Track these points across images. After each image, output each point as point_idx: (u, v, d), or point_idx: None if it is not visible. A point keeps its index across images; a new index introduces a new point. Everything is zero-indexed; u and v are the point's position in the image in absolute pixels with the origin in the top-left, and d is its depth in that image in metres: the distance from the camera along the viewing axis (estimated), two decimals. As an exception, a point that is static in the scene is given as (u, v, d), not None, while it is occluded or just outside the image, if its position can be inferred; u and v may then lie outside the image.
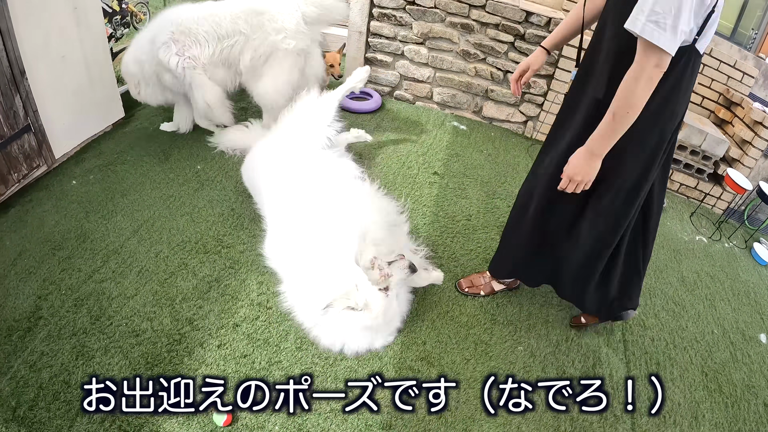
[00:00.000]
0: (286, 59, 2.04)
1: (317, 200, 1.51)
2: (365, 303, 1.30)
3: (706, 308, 1.96)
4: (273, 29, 1.97)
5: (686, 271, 2.14)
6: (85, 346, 1.31)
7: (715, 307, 1.98)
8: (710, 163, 2.73)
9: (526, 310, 1.65)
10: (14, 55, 1.71)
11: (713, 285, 2.11)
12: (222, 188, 1.96)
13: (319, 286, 1.32)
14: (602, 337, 1.63)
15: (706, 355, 1.72)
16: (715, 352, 1.75)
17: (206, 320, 1.41)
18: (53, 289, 1.46)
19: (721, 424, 1.48)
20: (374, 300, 1.30)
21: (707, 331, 1.83)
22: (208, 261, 1.61)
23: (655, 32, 0.92)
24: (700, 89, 2.90)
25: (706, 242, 2.43)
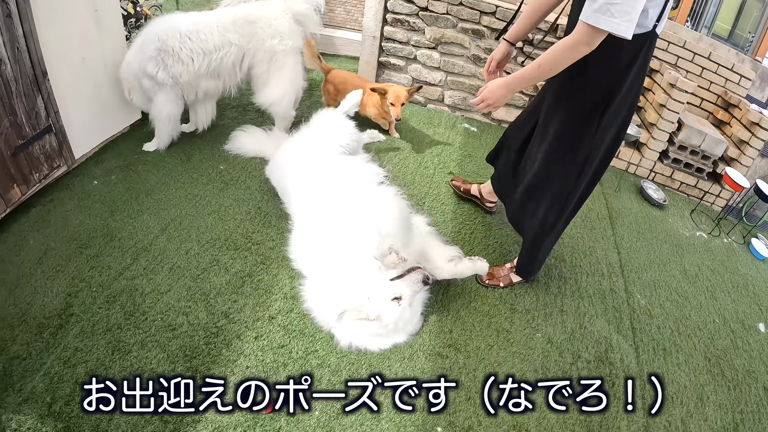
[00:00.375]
0: (288, 59, 2.12)
1: (339, 204, 1.59)
2: (377, 315, 1.38)
3: (707, 299, 2.09)
4: (268, 35, 2.04)
5: (688, 265, 2.27)
6: (121, 341, 1.35)
7: (716, 298, 2.11)
8: (709, 162, 2.88)
9: (542, 300, 1.76)
10: (37, 57, 1.75)
11: (713, 278, 2.25)
12: (247, 188, 2.02)
13: (335, 292, 1.40)
14: (613, 326, 1.75)
15: (709, 342, 1.85)
16: (717, 339, 1.87)
17: (242, 313, 1.48)
18: (83, 287, 1.49)
19: (725, 405, 1.60)
20: (386, 311, 1.38)
21: (709, 320, 1.96)
22: (239, 257, 1.67)
23: (599, 15, 1.08)
24: (699, 91, 3.06)
25: (706, 238, 2.57)
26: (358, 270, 1.43)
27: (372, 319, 1.38)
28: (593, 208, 2.43)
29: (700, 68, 2.97)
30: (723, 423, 1.54)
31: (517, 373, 1.46)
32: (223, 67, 2.03)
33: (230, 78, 2.10)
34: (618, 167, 2.96)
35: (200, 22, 1.97)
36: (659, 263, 2.19)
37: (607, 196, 2.61)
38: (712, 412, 1.56)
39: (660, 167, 2.93)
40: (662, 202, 2.68)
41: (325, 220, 1.56)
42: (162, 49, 1.93)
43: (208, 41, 1.95)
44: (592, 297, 1.84)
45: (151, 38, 1.95)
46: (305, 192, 1.68)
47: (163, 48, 1.93)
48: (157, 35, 1.93)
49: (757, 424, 1.58)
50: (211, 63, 1.99)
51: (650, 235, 2.38)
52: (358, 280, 1.41)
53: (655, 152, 2.87)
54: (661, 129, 2.79)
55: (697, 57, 2.93)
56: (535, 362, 1.51)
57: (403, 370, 1.39)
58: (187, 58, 1.95)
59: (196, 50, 1.95)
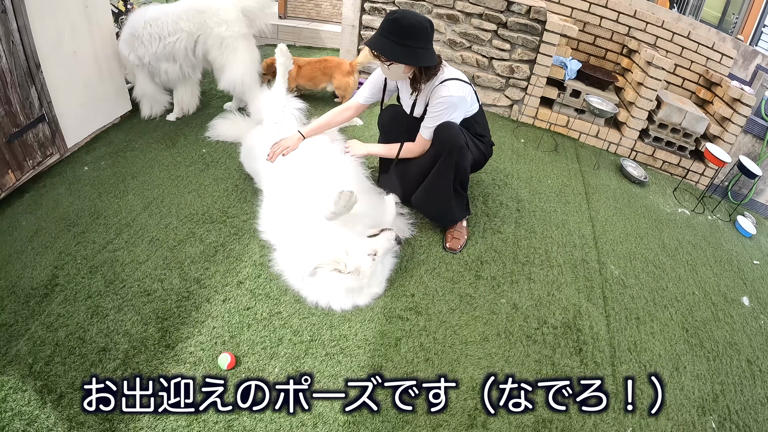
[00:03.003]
0: (239, 42, 2.29)
1: (306, 173, 1.64)
2: (356, 266, 1.41)
3: (687, 272, 2.04)
4: (215, 23, 2.23)
5: (667, 239, 2.23)
6: (100, 306, 1.41)
7: (696, 272, 2.06)
8: (691, 140, 2.84)
9: (509, 268, 1.75)
10: (30, 50, 1.84)
11: (695, 252, 2.20)
12: (226, 168, 2.09)
13: (308, 250, 1.43)
14: (583, 294, 1.73)
15: (687, 313, 1.80)
16: (696, 311, 1.82)
17: (212, 279, 1.52)
18: (69, 260, 1.56)
19: (703, 376, 1.55)
20: (363, 264, 1.41)
21: (688, 293, 1.92)
22: (215, 229, 1.72)
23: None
24: (680, 71, 3.03)
25: (689, 215, 2.53)
26: (333, 228, 1.47)
27: (348, 271, 1.40)
28: (569, 185, 2.42)
29: (679, 48, 2.94)
30: (701, 393, 1.48)
31: (479, 337, 1.46)
32: (177, 51, 2.25)
33: (186, 62, 2.31)
34: (597, 146, 2.94)
35: (162, 11, 2.23)
36: (636, 236, 2.17)
37: (584, 173, 2.59)
38: (689, 382, 1.51)
39: (641, 146, 2.90)
40: (643, 179, 2.65)
41: (296, 188, 1.61)
42: (132, 34, 2.21)
43: (163, 27, 2.19)
44: (562, 266, 1.83)
45: (127, 26, 2.25)
46: (274, 168, 1.73)
47: (133, 33, 2.21)
48: (131, 22, 2.23)
49: (739, 395, 1.53)
50: (166, 47, 2.22)
51: (628, 210, 2.36)
52: (336, 236, 1.44)
53: (635, 131, 2.85)
54: (639, 107, 2.77)
55: (676, 36, 2.91)
56: (497, 326, 1.51)
57: (363, 331, 1.41)
58: (147, 42, 2.21)
59: (154, 35, 2.20)
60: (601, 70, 3.01)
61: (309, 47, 3.74)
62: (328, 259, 1.40)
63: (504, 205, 2.11)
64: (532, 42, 2.70)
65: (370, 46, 1.50)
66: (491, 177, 2.30)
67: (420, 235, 1.83)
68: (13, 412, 1.13)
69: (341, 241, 1.44)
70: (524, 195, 2.23)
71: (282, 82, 2.07)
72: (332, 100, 2.84)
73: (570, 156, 2.74)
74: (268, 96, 2.02)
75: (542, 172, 2.47)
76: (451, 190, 1.68)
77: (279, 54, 2.11)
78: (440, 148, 1.63)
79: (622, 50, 3.09)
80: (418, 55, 1.49)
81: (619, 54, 3.11)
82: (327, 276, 1.41)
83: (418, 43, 1.47)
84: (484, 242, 1.86)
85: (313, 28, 3.74)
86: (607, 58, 3.14)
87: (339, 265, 1.40)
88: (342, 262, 1.41)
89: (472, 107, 1.71)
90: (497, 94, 2.94)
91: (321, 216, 1.46)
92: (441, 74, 1.61)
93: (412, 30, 1.45)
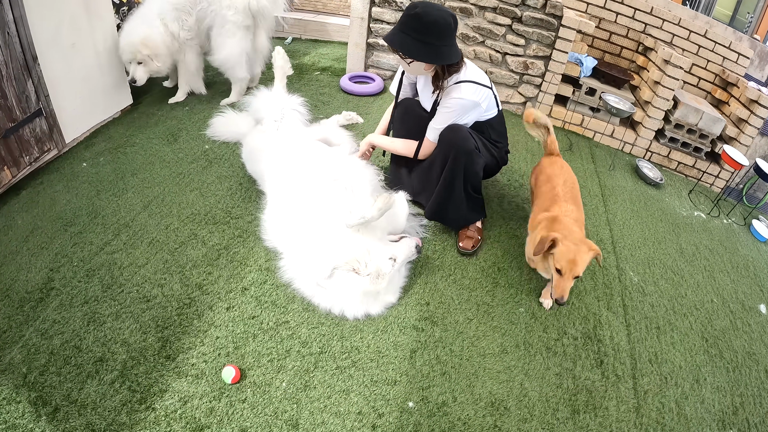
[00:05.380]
0: (237, 31, 2.29)
1: (317, 181, 1.53)
2: (376, 268, 1.30)
3: (705, 278, 1.94)
4: (226, 4, 2.23)
5: (685, 244, 2.12)
6: (97, 313, 1.31)
7: (714, 278, 1.96)
8: (707, 141, 2.71)
9: (527, 274, 1.64)
10: (27, 41, 1.73)
11: (712, 257, 2.09)
12: (230, 165, 1.97)
13: (324, 254, 1.33)
14: (602, 302, 1.62)
15: (706, 322, 1.70)
16: (715, 319, 1.73)
17: (215, 285, 1.42)
18: (65, 262, 1.47)
19: (723, 388, 1.46)
20: (384, 266, 1.32)
21: (707, 300, 1.82)
22: (218, 231, 1.61)
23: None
24: (696, 70, 2.89)
25: (705, 218, 2.42)
26: (351, 233, 1.38)
27: (367, 273, 1.30)
28: (584, 186, 2.30)
29: (696, 46, 2.80)
30: (721, 406, 1.40)
31: (497, 348, 1.35)
32: (197, 23, 2.30)
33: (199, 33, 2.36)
34: (612, 146, 2.82)
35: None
36: (654, 241, 2.06)
37: (600, 174, 2.47)
38: (710, 395, 1.42)
39: (656, 146, 2.77)
40: (658, 181, 2.53)
41: (307, 192, 1.50)
42: (176, 8, 2.24)
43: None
44: (580, 273, 1.73)
45: (158, 4, 2.25)
46: (279, 171, 1.62)
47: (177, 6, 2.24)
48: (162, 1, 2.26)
49: (758, 407, 1.44)
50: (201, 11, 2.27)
51: (645, 214, 2.24)
52: (357, 236, 1.35)
53: (650, 131, 2.72)
54: (655, 106, 2.64)
55: (693, 35, 2.77)
56: (516, 337, 1.40)
57: (376, 343, 1.30)
58: (192, 10, 2.27)
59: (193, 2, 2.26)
60: (617, 67, 2.88)
61: (315, 40, 3.60)
62: (349, 258, 1.30)
63: (520, 207, 2.00)
64: (547, 37, 2.56)
65: (389, 42, 1.37)
66: (506, 177, 2.19)
67: (434, 238, 1.72)
68: (6, 425, 1.05)
69: (363, 240, 1.34)
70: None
71: (280, 84, 1.97)
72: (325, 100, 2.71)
73: (585, 156, 2.62)
74: (267, 95, 1.91)
75: (557, 173, 2.36)
76: (462, 194, 1.57)
77: (276, 57, 2.00)
78: (447, 151, 1.51)
79: (637, 47, 2.95)
80: (441, 53, 1.36)
81: (635, 51, 2.97)
82: (344, 278, 1.30)
83: (441, 41, 1.35)
84: (501, 246, 1.75)
85: (320, 20, 3.60)
86: (622, 56, 3.00)
87: (360, 264, 1.29)
88: (363, 261, 1.30)
89: (487, 112, 1.58)
90: (510, 91, 2.81)
91: (342, 222, 1.35)
92: (458, 74, 1.48)
93: (435, 26, 1.32)
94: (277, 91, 1.92)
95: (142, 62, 2.17)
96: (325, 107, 2.55)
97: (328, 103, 2.61)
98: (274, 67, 2.01)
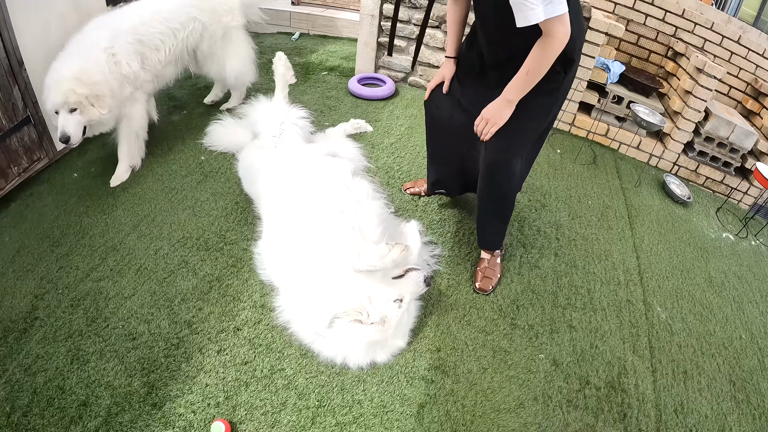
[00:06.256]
0: (241, 34, 2.07)
1: (315, 206, 1.38)
2: (381, 316, 1.16)
3: (733, 311, 1.77)
4: (223, 11, 1.97)
5: (713, 271, 1.95)
6: (81, 350, 1.21)
7: (743, 310, 1.79)
8: (738, 156, 2.50)
9: (549, 314, 1.49)
10: (11, 45, 1.59)
11: (741, 286, 1.92)
12: (226, 180, 1.82)
13: (323, 297, 1.18)
14: (628, 344, 1.47)
15: (734, 362, 1.55)
16: (743, 359, 1.57)
17: (206, 323, 1.29)
18: (50, 288, 1.36)
19: (749, 438, 1.32)
20: (390, 312, 1.17)
21: (735, 336, 1.65)
22: (210, 258, 1.48)
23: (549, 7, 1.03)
24: (727, 78, 2.66)
25: (733, 240, 2.23)
26: (351, 272, 1.22)
27: (371, 322, 1.16)
28: (611, 206, 2.11)
29: (728, 53, 2.56)
30: None
31: (513, 403, 1.21)
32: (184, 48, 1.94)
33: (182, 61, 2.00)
34: (639, 159, 2.61)
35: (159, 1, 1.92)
36: (682, 269, 1.88)
37: (626, 191, 2.28)
38: (736, 446, 1.28)
39: (684, 160, 2.56)
40: (686, 199, 2.33)
41: (307, 222, 1.34)
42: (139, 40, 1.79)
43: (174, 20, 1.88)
44: (606, 310, 1.56)
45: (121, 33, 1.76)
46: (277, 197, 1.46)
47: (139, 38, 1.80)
48: (125, 29, 1.75)
49: None
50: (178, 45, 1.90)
51: (673, 237, 2.06)
52: (356, 280, 1.20)
53: (679, 144, 2.51)
54: (686, 118, 2.42)
55: (725, 40, 2.53)
56: (535, 389, 1.25)
57: (380, 395, 1.17)
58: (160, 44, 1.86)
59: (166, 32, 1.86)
60: (645, 74, 2.65)
61: (324, 36, 3.39)
62: (348, 309, 1.15)
63: (542, 233, 1.83)
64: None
65: None
66: (527, 197, 2.01)
67: (447, 271, 1.56)
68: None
69: (362, 286, 1.19)
70: (563, 219, 1.94)
71: (281, 95, 1.79)
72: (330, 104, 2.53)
73: (610, 170, 2.42)
74: (266, 107, 1.75)
75: (581, 190, 2.17)
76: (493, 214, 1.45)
77: (278, 64, 1.81)
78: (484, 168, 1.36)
79: (667, 52, 2.71)
80: None
81: (664, 56, 2.73)
82: (346, 328, 1.16)
83: None
84: (521, 280, 1.58)
85: (328, 15, 3.39)
86: (651, 60, 2.76)
87: (361, 315, 1.15)
88: (364, 311, 1.16)
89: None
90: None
91: (345, 263, 1.20)
92: None
93: None
94: (277, 103, 1.75)
95: (76, 109, 1.50)
96: (332, 113, 2.37)
97: (335, 107, 2.43)
98: (275, 74, 1.83)
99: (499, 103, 1.25)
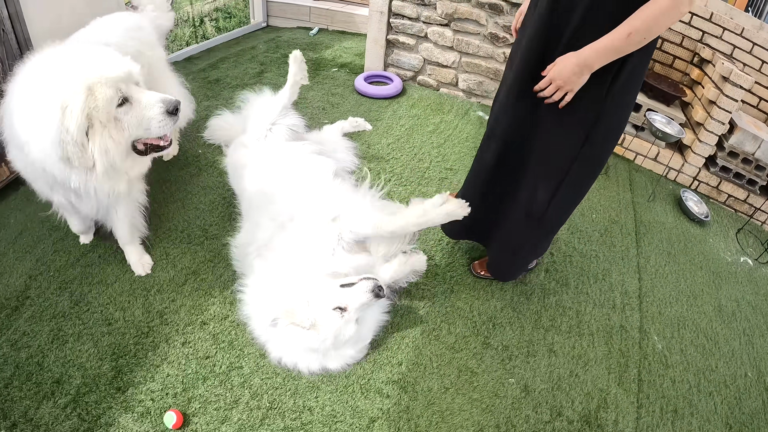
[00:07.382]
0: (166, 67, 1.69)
1: (288, 199, 1.34)
2: (312, 322, 1.10)
3: (742, 345, 1.59)
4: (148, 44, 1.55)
5: (725, 299, 1.76)
6: (62, 330, 1.25)
7: (752, 345, 1.61)
8: (764, 174, 2.25)
9: (528, 334, 1.39)
10: (23, 37, 1.64)
11: (754, 317, 1.73)
12: (219, 174, 1.82)
13: (274, 295, 1.14)
14: (614, 375, 1.34)
15: (735, 403, 1.38)
16: (745, 399, 1.41)
17: (176, 315, 1.29)
18: (43, 270, 1.41)
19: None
20: (325, 320, 1.10)
21: (740, 374, 1.48)
22: (190, 252, 1.48)
23: None
24: (757, 89, 2.38)
25: (752, 265, 2.01)
26: (304, 270, 1.17)
27: (306, 327, 1.10)
28: (617, 221, 1.95)
29: (759, 62, 2.29)
30: None
31: (472, 428, 1.13)
32: None
33: None
34: (655, 171, 2.41)
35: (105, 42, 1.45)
36: (689, 295, 1.71)
37: (637, 205, 2.10)
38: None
39: (705, 175, 2.34)
40: (704, 218, 2.13)
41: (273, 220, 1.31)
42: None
43: None
44: (594, 335, 1.44)
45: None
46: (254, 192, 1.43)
47: None
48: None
49: None
50: None
51: (683, 258, 1.88)
52: (300, 281, 1.14)
53: (700, 157, 2.29)
54: (709, 130, 2.20)
55: (756, 48, 2.26)
56: (498, 415, 1.17)
57: (332, 404, 1.13)
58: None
59: None
60: (667, 80, 2.43)
61: (342, 32, 3.34)
62: (284, 310, 1.10)
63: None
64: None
65: None
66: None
67: (424, 281, 1.48)
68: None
69: (305, 287, 1.13)
70: (561, 233, 1.81)
71: (288, 92, 1.71)
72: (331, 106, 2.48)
73: (622, 182, 2.24)
74: (265, 102, 1.70)
75: (587, 203, 2.01)
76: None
77: (292, 64, 1.72)
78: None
79: (692, 59, 2.47)
80: None
81: (689, 63, 2.49)
82: (285, 330, 1.11)
83: None
84: (502, 296, 1.48)
85: (347, 11, 3.33)
86: (675, 67, 2.53)
87: (295, 318, 1.10)
88: (298, 315, 1.10)
89: None
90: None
91: (301, 265, 1.16)
92: None
93: None
94: (279, 101, 1.68)
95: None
96: (334, 110, 2.33)
97: (338, 105, 2.39)
98: (289, 72, 1.73)
99: (572, 61, 0.94)
